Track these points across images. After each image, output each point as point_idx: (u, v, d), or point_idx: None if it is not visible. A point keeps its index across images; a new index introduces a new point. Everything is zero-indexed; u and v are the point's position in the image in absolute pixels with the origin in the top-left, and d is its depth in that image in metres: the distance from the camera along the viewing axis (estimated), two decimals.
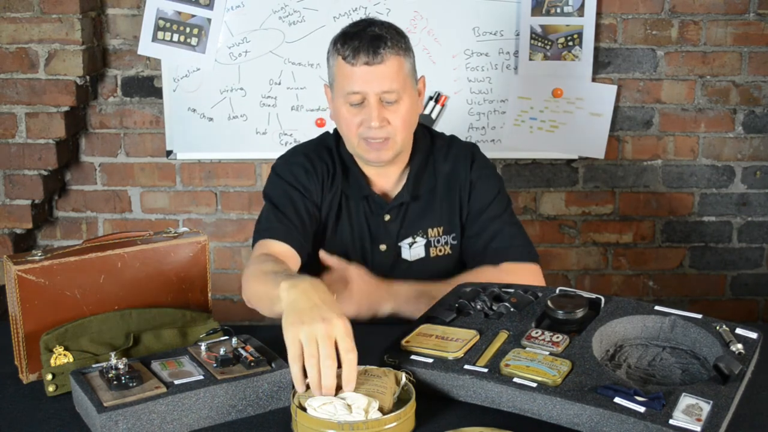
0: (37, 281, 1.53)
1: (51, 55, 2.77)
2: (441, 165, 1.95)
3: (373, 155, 1.84)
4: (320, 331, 1.33)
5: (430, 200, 1.93)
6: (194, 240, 1.68)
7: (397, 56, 1.80)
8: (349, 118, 1.82)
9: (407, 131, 1.86)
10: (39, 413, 1.45)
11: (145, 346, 1.59)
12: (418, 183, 1.93)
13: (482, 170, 1.96)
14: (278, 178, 1.92)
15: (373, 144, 1.82)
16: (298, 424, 1.33)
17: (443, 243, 1.94)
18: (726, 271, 3.12)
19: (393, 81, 1.79)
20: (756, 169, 3.04)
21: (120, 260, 1.60)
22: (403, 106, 1.82)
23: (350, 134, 1.84)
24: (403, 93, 1.82)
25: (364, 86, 1.78)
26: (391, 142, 1.83)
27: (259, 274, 1.63)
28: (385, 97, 1.79)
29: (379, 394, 1.34)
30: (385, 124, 1.80)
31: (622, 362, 1.50)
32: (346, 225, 1.93)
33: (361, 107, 1.81)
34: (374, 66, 1.77)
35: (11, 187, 2.87)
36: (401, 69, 1.81)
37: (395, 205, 1.92)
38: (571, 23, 2.88)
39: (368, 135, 1.81)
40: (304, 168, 1.91)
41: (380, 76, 1.78)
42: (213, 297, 1.74)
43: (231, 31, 2.89)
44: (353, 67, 1.78)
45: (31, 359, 1.55)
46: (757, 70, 2.95)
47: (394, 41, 1.80)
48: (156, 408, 1.35)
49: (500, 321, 1.58)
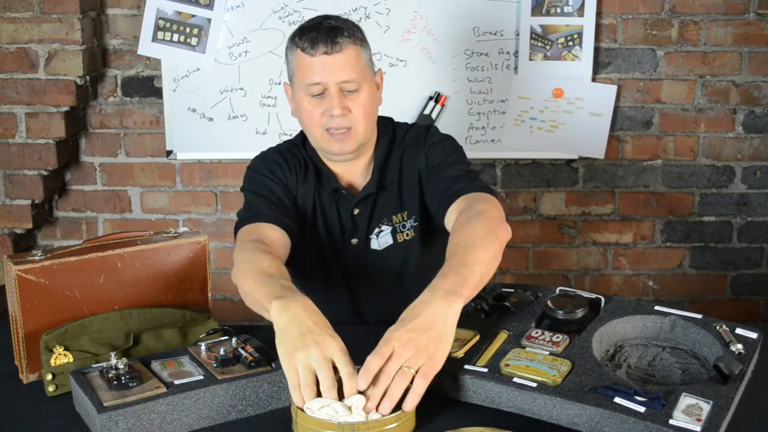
0: (37, 281, 1.53)
1: (51, 55, 2.77)
2: (402, 152, 1.96)
3: (336, 147, 1.84)
4: (315, 355, 1.34)
5: (396, 189, 1.95)
6: (194, 240, 1.68)
7: (354, 46, 1.83)
8: (310, 110, 1.83)
9: (368, 121, 1.86)
10: (39, 413, 1.45)
11: (145, 346, 1.59)
12: (383, 174, 1.94)
13: (436, 137, 1.96)
14: (255, 172, 1.93)
15: (336, 135, 1.83)
16: (298, 425, 1.33)
17: (408, 228, 1.95)
18: (726, 271, 3.12)
19: (352, 70, 1.81)
20: (756, 169, 3.04)
21: (120, 260, 1.60)
22: (363, 96, 1.84)
23: (313, 126, 1.85)
24: (362, 82, 1.83)
25: (324, 76, 1.80)
26: (353, 132, 1.83)
27: (254, 272, 1.58)
28: (345, 86, 1.81)
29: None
30: (347, 112, 1.81)
31: (622, 362, 1.50)
32: (321, 220, 1.95)
33: (322, 98, 1.82)
34: (333, 55, 1.79)
35: (11, 187, 2.87)
36: (359, 59, 1.83)
37: (362, 198, 1.92)
38: (571, 23, 2.88)
39: (331, 125, 1.82)
40: (278, 163, 1.92)
41: (339, 65, 1.80)
42: (213, 297, 1.74)
43: (231, 31, 2.89)
44: (312, 57, 1.80)
45: (31, 359, 1.55)
46: (757, 70, 2.95)
47: (350, 32, 1.83)
48: (156, 408, 1.36)
49: (500, 321, 1.58)
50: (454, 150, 1.94)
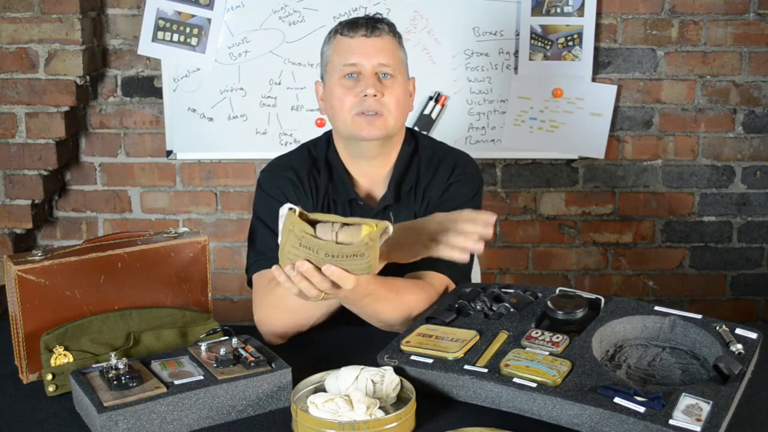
0: (37, 281, 1.53)
1: (51, 55, 2.78)
2: (426, 166, 1.93)
3: (365, 130, 1.80)
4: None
5: (408, 201, 1.91)
6: (194, 240, 1.68)
7: (393, 38, 1.84)
8: (342, 94, 1.81)
9: (399, 113, 1.84)
10: (39, 413, 1.45)
11: (145, 346, 1.59)
12: (400, 184, 1.91)
13: (463, 176, 1.92)
14: (265, 194, 1.90)
15: (366, 117, 1.80)
16: (298, 424, 1.33)
17: None
18: (726, 271, 3.12)
19: (389, 56, 1.81)
20: (756, 169, 3.04)
21: (120, 260, 1.60)
22: (398, 86, 1.83)
23: (343, 111, 1.82)
24: (397, 73, 1.83)
25: (360, 58, 1.80)
26: (383, 118, 1.81)
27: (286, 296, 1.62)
28: (381, 69, 1.81)
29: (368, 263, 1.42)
30: (380, 96, 1.79)
31: (622, 362, 1.50)
32: None
33: (356, 81, 1.81)
34: (372, 38, 1.80)
35: (11, 187, 2.87)
36: (396, 51, 1.84)
37: (380, 210, 1.89)
38: (571, 23, 2.88)
39: (362, 107, 1.79)
40: (292, 182, 1.89)
41: (377, 49, 1.80)
42: (213, 297, 1.74)
43: (231, 31, 2.89)
44: (351, 39, 1.81)
45: (31, 359, 1.55)
46: (757, 70, 2.95)
47: (391, 27, 1.86)
48: (156, 408, 1.36)
49: (500, 321, 1.58)
50: (470, 198, 1.90)
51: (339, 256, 1.40)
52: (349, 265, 1.42)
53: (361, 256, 1.40)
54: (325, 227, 1.41)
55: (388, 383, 1.38)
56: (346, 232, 1.40)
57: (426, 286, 1.73)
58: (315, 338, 1.73)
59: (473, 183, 1.93)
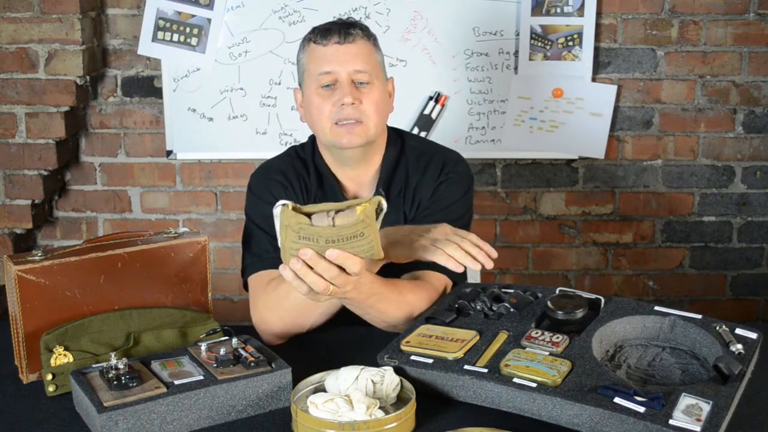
0: (37, 281, 1.53)
1: (51, 55, 2.78)
2: (414, 165, 1.91)
3: (345, 138, 1.79)
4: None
5: (397, 204, 1.90)
6: (194, 240, 1.68)
7: (367, 42, 1.82)
8: (320, 104, 1.80)
9: (379, 118, 1.82)
10: (39, 413, 1.45)
11: (145, 346, 1.59)
12: (389, 186, 1.90)
13: (452, 175, 1.90)
14: (256, 198, 1.90)
15: (345, 126, 1.79)
16: (298, 425, 1.33)
17: None
18: (726, 271, 3.12)
19: (364, 61, 1.79)
20: (756, 169, 3.04)
21: (120, 260, 1.60)
22: (375, 92, 1.81)
23: (322, 120, 1.81)
24: (374, 78, 1.81)
25: (335, 65, 1.78)
26: (363, 126, 1.79)
27: (289, 292, 1.64)
28: (357, 77, 1.79)
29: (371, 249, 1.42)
30: (358, 103, 1.78)
31: (621, 362, 1.50)
32: None
33: (333, 90, 1.79)
34: (345, 45, 1.78)
35: (11, 187, 2.87)
36: (371, 55, 1.82)
37: None
38: (571, 23, 2.88)
39: (341, 116, 1.78)
40: (282, 184, 1.89)
41: (351, 55, 1.78)
42: (213, 297, 1.74)
43: (231, 31, 2.89)
44: (324, 47, 1.79)
45: (31, 359, 1.55)
46: (757, 70, 2.95)
47: (364, 30, 1.83)
48: (156, 408, 1.36)
49: (500, 321, 1.58)
50: (460, 197, 1.89)
51: (339, 239, 1.40)
52: (351, 248, 1.41)
53: (361, 236, 1.40)
54: (321, 216, 1.41)
55: (388, 383, 1.38)
56: (342, 217, 1.40)
57: (426, 285, 1.74)
58: (315, 338, 1.73)
59: (463, 182, 1.92)
